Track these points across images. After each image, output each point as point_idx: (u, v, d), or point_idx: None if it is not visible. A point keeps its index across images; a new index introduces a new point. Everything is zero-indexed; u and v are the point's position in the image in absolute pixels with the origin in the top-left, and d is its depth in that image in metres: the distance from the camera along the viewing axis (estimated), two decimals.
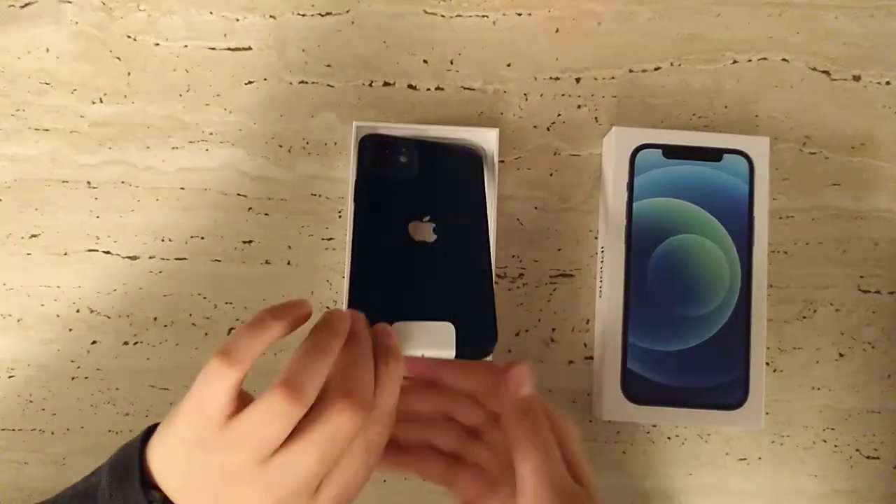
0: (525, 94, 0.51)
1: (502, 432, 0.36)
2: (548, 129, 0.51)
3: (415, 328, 0.42)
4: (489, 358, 0.44)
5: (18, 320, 0.49)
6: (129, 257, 0.50)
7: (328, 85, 0.51)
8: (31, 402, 0.49)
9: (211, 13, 0.51)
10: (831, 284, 0.50)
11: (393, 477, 0.49)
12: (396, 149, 0.47)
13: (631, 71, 0.51)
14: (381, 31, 0.51)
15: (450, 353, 0.41)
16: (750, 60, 0.52)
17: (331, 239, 0.50)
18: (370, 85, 0.51)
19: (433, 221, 0.46)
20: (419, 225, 0.46)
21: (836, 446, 0.50)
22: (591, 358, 0.50)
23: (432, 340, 0.41)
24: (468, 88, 0.51)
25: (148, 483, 0.33)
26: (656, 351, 0.46)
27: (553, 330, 0.50)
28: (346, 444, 0.32)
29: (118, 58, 0.51)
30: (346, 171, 0.50)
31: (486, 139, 0.49)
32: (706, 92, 0.51)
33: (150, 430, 0.35)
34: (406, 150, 0.47)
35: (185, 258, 0.50)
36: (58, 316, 0.49)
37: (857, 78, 0.52)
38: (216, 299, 0.50)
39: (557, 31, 0.52)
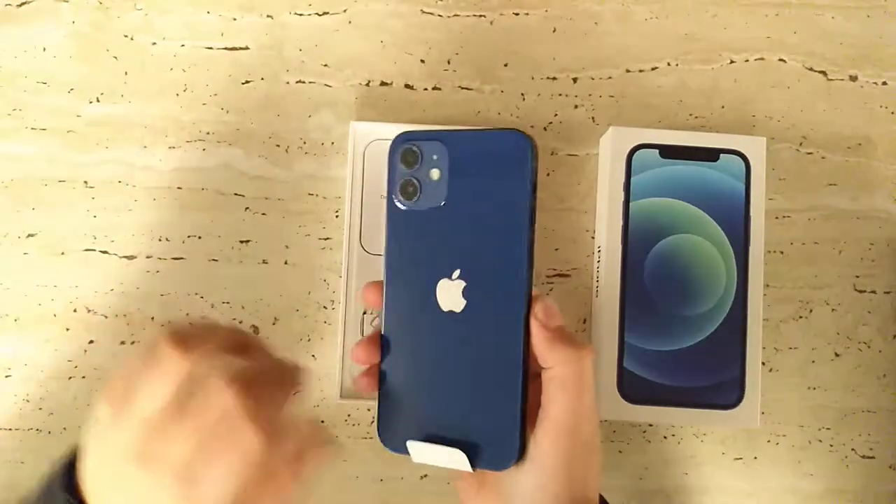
0: (522, 94, 0.51)
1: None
2: (545, 129, 0.51)
3: (427, 447, 0.34)
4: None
5: (15, 320, 0.49)
6: (126, 257, 0.50)
7: (325, 84, 0.51)
8: (28, 401, 0.49)
9: (208, 12, 0.51)
10: (827, 284, 0.51)
11: (390, 476, 0.49)
12: (427, 158, 0.34)
13: (628, 71, 0.51)
14: (378, 30, 0.51)
15: (467, 469, 0.33)
16: (747, 61, 0.52)
17: (328, 238, 0.50)
18: (367, 84, 0.51)
19: (464, 278, 0.33)
20: (448, 285, 0.33)
21: (831, 446, 0.50)
22: None
23: (446, 461, 0.34)
24: (465, 88, 0.51)
25: (72, 479, 0.35)
26: (653, 350, 0.47)
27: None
28: (220, 422, 0.32)
29: (115, 57, 0.51)
30: (344, 171, 0.50)
31: None
32: (703, 92, 0.51)
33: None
34: (437, 158, 0.34)
35: (182, 258, 0.50)
36: (55, 315, 0.49)
37: (853, 78, 0.52)
38: (213, 299, 0.50)
39: (555, 30, 0.52)
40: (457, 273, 0.33)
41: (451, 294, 0.33)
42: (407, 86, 0.51)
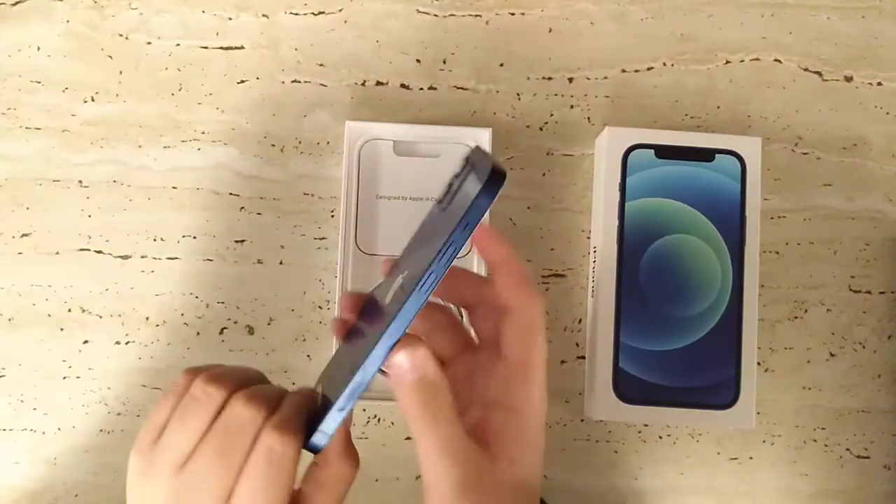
0: (518, 94, 0.51)
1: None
2: (540, 129, 0.51)
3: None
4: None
5: (10, 319, 0.49)
6: (120, 256, 0.50)
7: (321, 84, 0.51)
8: (22, 401, 0.49)
9: (203, 12, 0.51)
10: (822, 284, 0.51)
11: (386, 476, 0.49)
12: (465, 167, 0.33)
13: (623, 71, 0.51)
14: (373, 30, 0.51)
15: None
16: (742, 61, 0.52)
17: (323, 238, 0.50)
18: (363, 84, 0.51)
19: (405, 279, 0.33)
20: (399, 282, 0.33)
21: (826, 446, 0.50)
22: (583, 357, 0.50)
23: None
24: (461, 88, 0.51)
25: None
26: (648, 350, 0.47)
27: (545, 329, 0.50)
28: (243, 439, 0.32)
29: (110, 56, 0.51)
30: (339, 171, 0.50)
31: (479, 139, 0.49)
32: (699, 92, 0.51)
33: None
34: (465, 169, 0.33)
35: (177, 257, 0.50)
36: (49, 315, 0.49)
37: (848, 78, 0.52)
38: (208, 299, 0.50)
39: (550, 30, 0.52)
40: (405, 272, 0.33)
41: (393, 291, 0.34)
42: (402, 85, 0.51)
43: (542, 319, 0.34)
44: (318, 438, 0.33)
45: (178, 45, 0.51)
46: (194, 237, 0.50)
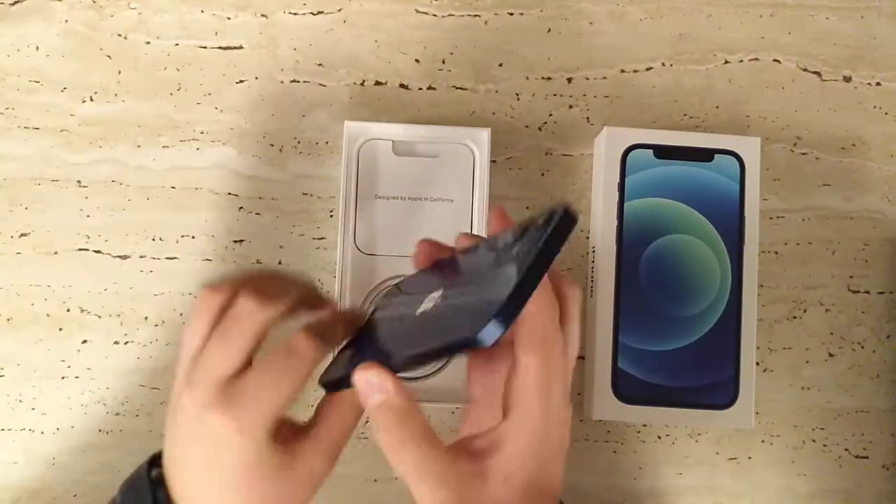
0: (517, 94, 0.51)
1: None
2: (539, 129, 0.51)
3: None
4: None
5: (8, 319, 0.49)
6: (119, 256, 0.50)
7: (320, 84, 0.51)
8: (20, 401, 0.49)
9: (202, 11, 0.51)
10: (821, 284, 0.51)
11: (384, 476, 0.49)
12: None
13: (622, 71, 0.51)
14: (372, 30, 0.51)
15: None
16: (741, 61, 0.52)
17: (322, 238, 0.50)
18: (362, 84, 0.51)
19: (444, 296, 0.33)
20: (435, 296, 0.33)
21: (825, 446, 0.50)
22: (583, 357, 0.50)
23: None
24: (460, 88, 0.51)
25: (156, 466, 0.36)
26: (647, 351, 0.47)
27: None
28: (249, 330, 0.33)
29: (108, 56, 0.51)
30: (338, 171, 0.50)
31: (478, 139, 0.49)
32: (697, 92, 0.51)
33: None
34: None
35: (175, 257, 0.50)
36: (48, 315, 0.49)
37: (847, 79, 0.52)
38: None
39: (549, 30, 0.52)
40: (439, 292, 0.33)
41: (426, 303, 0.33)
42: (401, 85, 0.51)
43: (578, 311, 0.34)
44: (335, 386, 0.34)
45: (176, 44, 0.51)
46: (193, 237, 0.50)
